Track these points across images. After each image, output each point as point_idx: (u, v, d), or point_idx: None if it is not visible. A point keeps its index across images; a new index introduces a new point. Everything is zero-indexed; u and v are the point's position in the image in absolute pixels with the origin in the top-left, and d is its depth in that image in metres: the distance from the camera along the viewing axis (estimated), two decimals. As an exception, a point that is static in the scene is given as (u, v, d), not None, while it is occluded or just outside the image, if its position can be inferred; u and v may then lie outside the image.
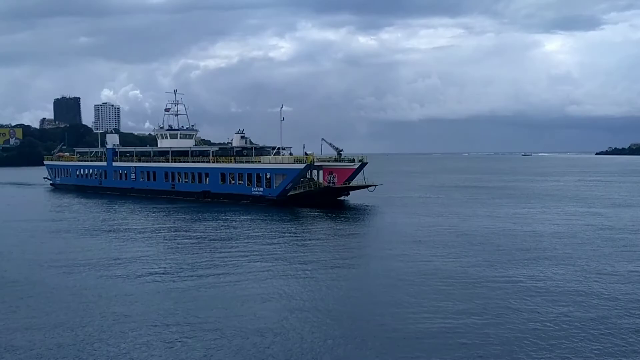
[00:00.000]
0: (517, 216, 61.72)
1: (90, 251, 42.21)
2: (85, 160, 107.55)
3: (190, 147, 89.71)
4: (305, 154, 79.19)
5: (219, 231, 52.65)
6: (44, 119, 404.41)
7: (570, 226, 53.34)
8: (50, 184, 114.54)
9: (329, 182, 77.71)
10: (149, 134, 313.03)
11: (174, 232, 53.02)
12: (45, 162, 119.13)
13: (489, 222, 56.49)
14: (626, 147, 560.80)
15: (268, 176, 77.06)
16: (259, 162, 79.24)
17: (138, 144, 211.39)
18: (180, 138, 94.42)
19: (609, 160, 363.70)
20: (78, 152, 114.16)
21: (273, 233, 50.98)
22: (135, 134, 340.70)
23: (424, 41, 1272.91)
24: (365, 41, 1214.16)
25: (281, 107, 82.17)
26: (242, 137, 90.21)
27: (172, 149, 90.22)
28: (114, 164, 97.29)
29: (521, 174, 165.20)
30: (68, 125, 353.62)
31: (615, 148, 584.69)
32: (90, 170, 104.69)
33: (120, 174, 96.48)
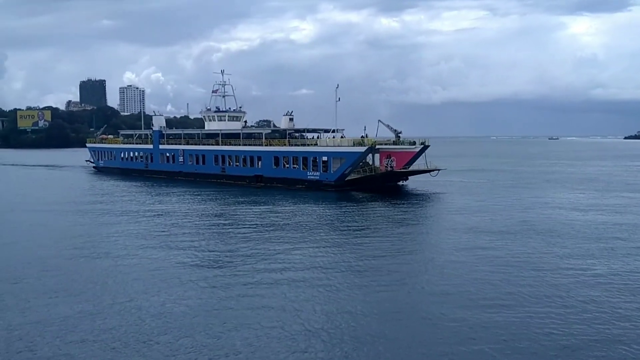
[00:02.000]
0: (577, 203, 58.73)
1: (145, 239, 40.02)
2: (130, 143, 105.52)
3: (241, 129, 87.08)
4: (362, 136, 76.30)
5: (275, 217, 49.97)
6: (70, 101, 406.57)
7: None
8: (93, 167, 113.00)
9: (386, 166, 74.75)
10: (174, 117, 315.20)
11: (226, 218, 50.52)
12: (87, 145, 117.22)
13: (552, 210, 53.30)
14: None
15: (325, 160, 74.15)
16: (315, 145, 76.37)
17: (167, 126, 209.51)
18: (228, 120, 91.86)
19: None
20: (122, 135, 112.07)
21: (336, 221, 47.89)
22: (163, 115, 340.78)
23: (447, 23, 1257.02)
24: (387, 23, 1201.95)
25: (337, 87, 78.59)
26: (290, 120, 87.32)
27: (222, 132, 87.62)
28: (161, 146, 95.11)
29: (558, 158, 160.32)
30: (95, 107, 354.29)
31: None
32: (136, 153, 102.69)
33: (168, 157, 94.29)
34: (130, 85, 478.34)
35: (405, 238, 40.48)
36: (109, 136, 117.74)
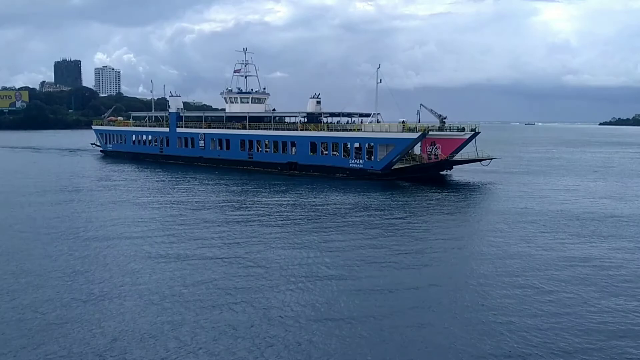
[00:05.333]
0: (605, 192, 57.41)
1: (169, 231, 36.51)
2: (142, 126, 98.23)
3: (272, 112, 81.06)
4: (402, 122, 71.26)
5: (323, 210, 45.56)
6: (44, 82, 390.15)
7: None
8: (101, 151, 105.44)
9: (430, 154, 69.83)
10: (152, 99, 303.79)
11: (265, 209, 45.93)
12: (93, 127, 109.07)
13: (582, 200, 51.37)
14: (630, 118, 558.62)
15: (370, 146, 68.74)
16: (359, 130, 70.93)
17: (145, 109, 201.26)
18: (252, 102, 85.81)
19: (622, 130, 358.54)
20: (133, 117, 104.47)
21: (395, 216, 43.11)
22: (140, 98, 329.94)
23: (422, 7, 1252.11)
24: (362, 7, 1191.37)
25: (378, 67, 73.14)
26: (317, 102, 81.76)
27: (250, 114, 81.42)
28: (178, 129, 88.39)
29: (554, 145, 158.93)
30: (71, 88, 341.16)
31: (620, 119, 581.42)
32: (150, 137, 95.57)
33: (186, 141, 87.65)
34: (106, 66, 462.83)
35: (486, 241, 35.73)
36: (118, 118, 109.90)
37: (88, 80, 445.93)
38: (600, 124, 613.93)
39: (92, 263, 28.62)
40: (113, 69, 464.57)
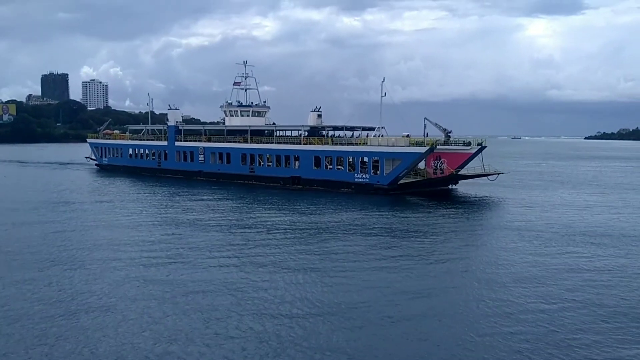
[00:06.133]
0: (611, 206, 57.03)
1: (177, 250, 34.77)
2: (139, 139, 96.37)
3: (275, 126, 79.81)
4: (404, 136, 70.40)
5: (331, 226, 43.96)
6: (31, 95, 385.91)
7: None
8: (96, 165, 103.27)
9: (435, 169, 68.87)
10: (139, 112, 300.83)
11: (270, 226, 44.05)
12: (88, 140, 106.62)
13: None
14: (615, 132, 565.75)
15: (376, 161, 67.63)
16: (364, 144, 69.82)
17: (132, 122, 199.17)
18: (252, 116, 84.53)
19: (608, 144, 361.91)
20: (130, 130, 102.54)
21: (406, 234, 41.56)
22: (128, 111, 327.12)
23: (407, 23, 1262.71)
24: (349, 22, 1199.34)
25: (383, 81, 72.26)
26: (318, 116, 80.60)
27: (252, 128, 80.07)
28: (177, 143, 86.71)
29: (549, 159, 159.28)
30: (58, 102, 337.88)
31: (605, 133, 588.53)
32: (147, 150, 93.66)
33: (185, 155, 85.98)
34: (94, 80, 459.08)
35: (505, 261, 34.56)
36: (115, 131, 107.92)
37: (75, 93, 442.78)
38: (586, 137, 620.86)
39: (80, 294, 26.18)
40: (101, 82, 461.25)
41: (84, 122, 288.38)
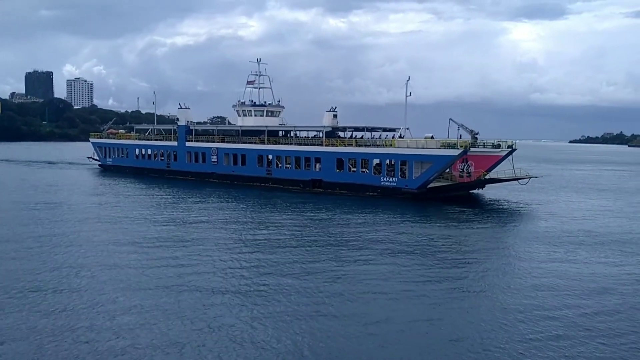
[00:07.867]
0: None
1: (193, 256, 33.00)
2: (146, 139, 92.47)
3: (294, 127, 76.52)
4: (427, 137, 67.80)
5: (361, 234, 41.40)
6: (14, 93, 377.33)
7: None
8: (99, 165, 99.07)
9: (462, 172, 66.16)
10: (126, 111, 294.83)
11: (295, 233, 41.50)
12: (91, 140, 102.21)
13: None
14: (599, 136, 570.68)
15: (404, 163, 64.73)
16: (390, 145, 66.91)
17: (120, 121, 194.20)
18: (266, 115, 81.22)
19: (594, 148, 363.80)
20: (137, 130, 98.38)
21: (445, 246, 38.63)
22: (114, 110, 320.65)
23: (393, 25, 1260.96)
24: (335, 23, 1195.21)
25: (407, 80, 69.66)
26: (334, 116, 77.49)
27: (269, 128, 76.71)
28: (188, 143, 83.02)
29: (540, 162, 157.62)
30: (43, 100, 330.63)
31: (589, 137, 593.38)
32: (155, 151, 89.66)
33: (197, 156, 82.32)
34: (79, 78, 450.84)
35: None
36: (120, 131, 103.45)
37: (60, 91, 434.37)
38: (570, 141, 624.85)
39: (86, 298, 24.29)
40: (85, 81, 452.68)
41: (70, 121, 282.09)
